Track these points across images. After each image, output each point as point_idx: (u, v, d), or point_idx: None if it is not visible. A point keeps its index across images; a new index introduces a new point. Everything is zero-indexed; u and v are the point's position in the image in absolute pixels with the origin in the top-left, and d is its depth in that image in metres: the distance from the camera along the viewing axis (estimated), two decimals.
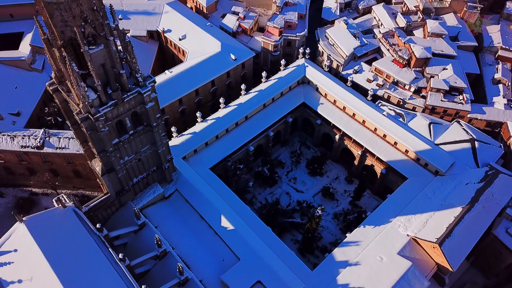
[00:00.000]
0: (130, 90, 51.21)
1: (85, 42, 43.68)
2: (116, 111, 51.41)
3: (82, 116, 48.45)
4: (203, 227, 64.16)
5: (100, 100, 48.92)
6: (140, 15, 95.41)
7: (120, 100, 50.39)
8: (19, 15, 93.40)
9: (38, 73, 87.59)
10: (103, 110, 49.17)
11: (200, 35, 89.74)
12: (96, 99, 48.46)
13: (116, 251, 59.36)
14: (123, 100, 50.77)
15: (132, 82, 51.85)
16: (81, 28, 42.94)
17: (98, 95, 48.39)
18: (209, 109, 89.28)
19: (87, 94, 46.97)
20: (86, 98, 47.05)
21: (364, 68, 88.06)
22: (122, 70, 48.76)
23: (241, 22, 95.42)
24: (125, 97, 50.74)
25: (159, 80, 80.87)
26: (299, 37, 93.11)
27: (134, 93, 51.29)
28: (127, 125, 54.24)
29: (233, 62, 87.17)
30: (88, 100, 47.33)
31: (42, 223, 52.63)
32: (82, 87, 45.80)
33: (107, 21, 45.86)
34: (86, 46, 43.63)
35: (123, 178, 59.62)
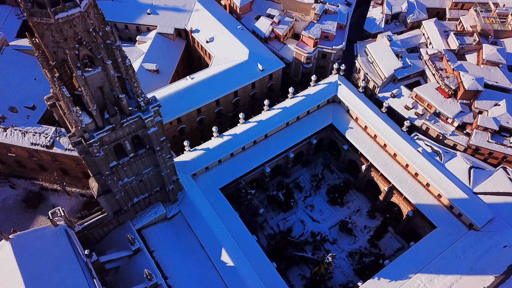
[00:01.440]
0: (131, 114, 46.57)
1: (79, 65, 39.05)
2: (115, 135, 47.03)
3: (75, 140, 44.34)
4: (202, 257, 59.63)
5: (96, 124, 44.57)
6: (169, 11, 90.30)
7: (118, 125, 45.88)
8: None
9: None
10: (98, 135, 44.85)
11: (229, 40, 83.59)
12: (92, 123, 44.14)
13: (107, 274, 56.52)
14: (122, 125, 46.21)
15: (134, 105, 47.15)
16: (75, 50, 38.24)
17: (94, 119, 44.02)
18: (230, 119, 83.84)
19: (81, 119, 42.67)
20: (79, 123, 42.76)
21: (403, 92, 79.22)
22: (121, 94, 43.96)
23: (274, 27, 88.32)
24: (124, 122, 46.14)
25: (179, 86, 76.30)
26: (336, 50, 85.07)
27: (135, 117, 46.61)
28: (127, 148, 49.88)
29: (260, 72, 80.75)
30: (81, 125, 43.05)
31: (29, 242, 49.83)
32: (74, 112, 41.48)
33: (109, 41, 40.94)
34: (79, 70, 38.98)
35: (121, 200, 55.78)
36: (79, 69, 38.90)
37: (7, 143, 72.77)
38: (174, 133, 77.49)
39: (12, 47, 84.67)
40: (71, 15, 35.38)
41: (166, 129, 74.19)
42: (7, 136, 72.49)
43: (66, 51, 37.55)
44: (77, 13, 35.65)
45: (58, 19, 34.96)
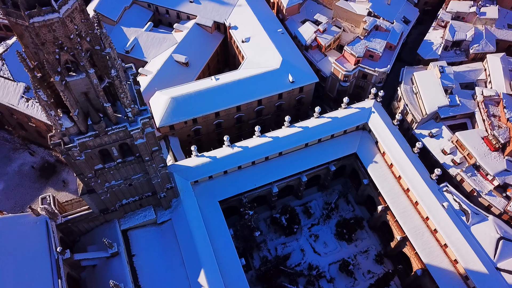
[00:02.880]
0: (118, 123, 43.90)
1: (59, 70, 36.55)
2: (100, 141, 44.73)
3: (55, 141, 42.54)
4: (181, 274, 56.99)
5: (79, 128, 42.39)
6: (212, 2, 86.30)
7: (102, 132, 43.42)
8: None
9: None
10: (78, 140, 42.72)
11: (264, 43, 78.32)
12: (74, 127, 41.97)
13: (83, 270, 55.77)
14: (106, 133, 43.71)
15: (124, 113, 44.39)
16: (55, 54, 35.65)
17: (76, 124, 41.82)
18: (250, 127, 79.40)
19: (60, 122, 40.57)
20: (58, 126, 40.72)
21: (444, 134, 70.29)
22: (106, 103, 41.19)
23: (318, 36, 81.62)
24: (108, 130, 43.61)
25: (201, 85, 72.90)
26: (378, 73, 77.03)
27: (121, 127, 43.86)
28: (113, 154, 47.58)
29: (289, 84, 75.14)
30: (60, 129, 41.02)
31: (5, 228, 49.62)
32: (51, 116, 39.37)
33: (98, 47, 38.01)
34: (58, 76, 36.47)
35: (108, 200, 54.16)
36: (57, 74, 36.37)
37: (27, 114, 73.89)
38: (189, 133, 74.70)
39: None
40: (48, 20, 32.55)
41: (180, 128, 72.03)
42: (28, 107, 73.51)
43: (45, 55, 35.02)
44: (55, 18, 32.73)
45: (33, 23, 32.30)
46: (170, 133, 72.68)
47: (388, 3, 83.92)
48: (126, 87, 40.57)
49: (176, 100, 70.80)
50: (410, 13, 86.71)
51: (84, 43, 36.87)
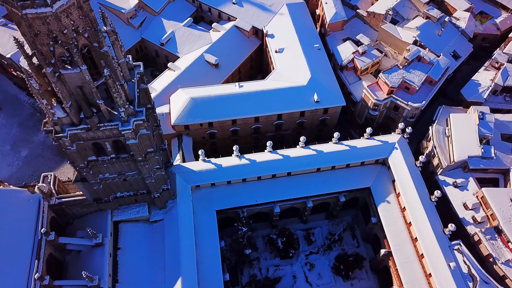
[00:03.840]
0: (112, 120, 43.58)
1: (53, 62, 36.59)
2: (93, 134, 44.73)
3: (47, 128, 43.01)
4: (160, 278, 56.43)
5: (71, 119, 42.51)
6: (254, 6, 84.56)
7: (94, 127, 43.31)
8: None
9: (133, 29, 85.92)
10: (70, 131, 42.89)
11: (297, 57, 75.54)
12: (66, 118, 42.14)
13: (68, 253, 56.66)
14: (98, 128, 43.55)
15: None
16: (49, 46, 35.65)
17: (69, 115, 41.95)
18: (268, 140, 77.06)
19: (52, 111, 40.83)
20: (50, 115, 41.02)
21: (469, 186, 64.08)
22: (99, 100, 40.90)
23: (355, 57, 77.43)
24: (100, 126, 43.40)
25: (224, 90, 71.66)
26: (411, 107, 71.68)
27: (113, 125, 43.50)
28: (107, 149, 47.53)
29: (313, 103, 71.95)
30: (52, 118, 41.32)
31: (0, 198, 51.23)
32: (43, 104, 39.66)
33: (96, 44, 37.67)
34: (50, 67, 36.52)
35: (101, 191, 54.52)
36: (51, 66, 36.43)
37: None
38: (204, 135, 73.85)
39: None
40: (41, 13, 32.43)
41: (195, 129, 71.37)
42: None
43: (38, 46, 35.10)
44: (48, 12, 32.52)
45: (26, 14, 32.30)
46: (184, 132, 72.23)
47: (439, 34, 77.91)
48: (119, 87, 39.89)
49: (195, 101, 70.09)
50: (462, 47, 80.00)
51: (81, 38, 36.60)
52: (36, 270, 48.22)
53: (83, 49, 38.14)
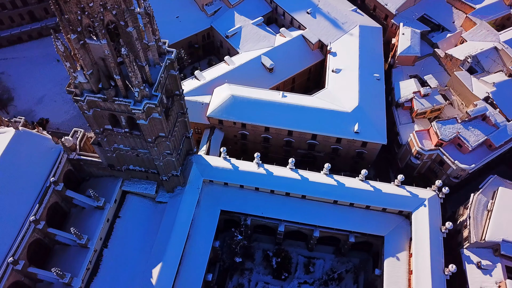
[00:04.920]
0: (126, 97, 45.12)
1: (79, 30, 38.68)
2: (110, 105, 46.72)
3: (70, 89, 45.77)
4: (144, 255, 57.68)
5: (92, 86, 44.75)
6: (327, 20, 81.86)
7: (110, 99, 45.18)
8: None
9: (205, 16, 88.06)
10: (87, 97, 45.22)
11: (350, 81, 71.95)
12: (87, 84, 44.45)
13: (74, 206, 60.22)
14: (114, 101, 45.36)
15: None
16: (77, 15, 37.68)
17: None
18: (299, 156, 74.91)
19: (74, 75, 43.29)
20: (72, 78, 43.57)
21: (494, 273, 56.12)
22: (116, 76, 42.49)
23: (415, 98, 71.61)
24: (115, 100, 45.16)
25: (267, 95, 70.75)
26: (457, 168, 64.66)
27: (125, 102, 44.99)
28: (121, 122, 49.45)
29: (352, 133, 68.15)
30: (74, 81, 43.87)
31: (26, 141, 55.77)
32: (67, 67, 42.19)
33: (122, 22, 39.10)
34: (74, 34, 38.65)
35: (114, 159, 57.03)
36: (75, 33, 38.53)
37: None
38: (236, 134, 73.77)
39: None
40: None
41: (229, 125, 71.64)
42: None
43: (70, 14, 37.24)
44: None
45: None
46: (218, 126, 72.78)
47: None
48: (135, 67, 40.91)
49: (235, 99, 70.13)
50: None
51: (107, 14, 38.19)
52: (34, 213, 51.93)
53: (110, 24, 39.75)
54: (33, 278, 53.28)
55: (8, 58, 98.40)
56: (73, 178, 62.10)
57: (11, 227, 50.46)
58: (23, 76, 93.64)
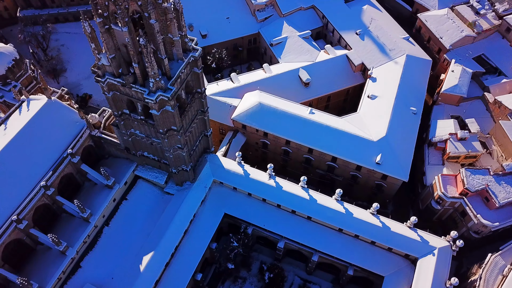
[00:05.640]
0: (143, 86, 46.46)
1: (106, 15, 40.47)
2: (127, 91, 48.33)
3: (93, 69, 47.90)
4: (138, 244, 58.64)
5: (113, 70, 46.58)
6: (374, 44, 79.43)
7: (127, 84, 46.76)
8: None
9: (255, 21, 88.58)
10: (107, 79, 47.13)
11: (383, 110, 69.23)
12: (109, 67, 46.32)
13: (88, 181, 62.84)
14: (130, 87, 46.89)
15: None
16: (105, 1, 39.40)
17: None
18: (317, 175, 73.20)
19: (98, 56, 45.31)
20: (96, 59, 45.62)
21: None
22: (135, 64, 43.90)
23: (450, 140, 67.33)
24: (132, 86, 46.65)
25: (295, 108, 69.84)
26: (479, 223, 59.80)
27: (140, 90, 46.31)
28: (138, 109, 51.02)
29: (373, 162, 65.36)
30: (97, 62, 45.92)
31: (55, 112, 59.00)
32: (92, 47, 44.25)
33: (146, 14, 40.39)
34: (100, 18, 40.48)
35: (130, 144, 58.90)
36: (100, 16, 40.33)
37: None
38: (257, 141, 73.48)
39: None
40: None
41: (251, 132, 71.64)
42: None
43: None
44: None
45: None
46: (241, 131, 72.92)
47: None
48: (152, 58, 41.92)
49: (262, 107, 69.92)
50: None
51: (133, 4, 39.54)
52: (46, 180, 54.83)
53: (135, 14, 41.14)
54: (34, 240, 56.22)
55: (71, 33, 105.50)
56: (94, 154, 64.83)
57: (22, 188, 53.54)
58: (79, 51, 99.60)
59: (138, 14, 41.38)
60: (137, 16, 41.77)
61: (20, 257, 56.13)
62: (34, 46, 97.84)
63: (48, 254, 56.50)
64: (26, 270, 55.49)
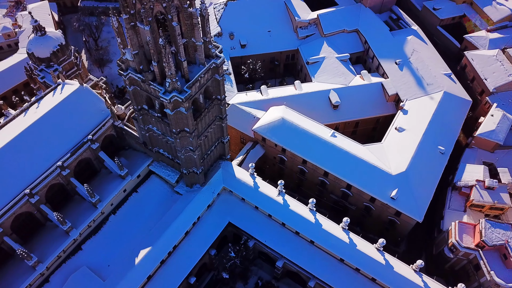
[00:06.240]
0: (160, 84, 47.76)
1: (132, 12, 42.20)
2: (146, 87, 49.85)
3: (118, 62, 49.87)
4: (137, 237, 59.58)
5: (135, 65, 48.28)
6: (412, 76, 76.95)
7: (146, 81, 48.26)
8: None
9: (295, 37, 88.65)
10: (129, 73, 48.93)
11: (408, 145, 66.55)
12: (132, 62, 48.08)
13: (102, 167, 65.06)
14: (149, 84, 48.34)
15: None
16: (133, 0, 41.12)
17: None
18: (330, 201, 71.37)
19: (123, 51, 47.19)
20: (121, 53, 47.55)
21: None
22: (154, 62, 45.28)
23: (476, 186, 63.31)
24: (150, 84, 48.08)
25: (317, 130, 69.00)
26: (491, 280, 55.38)
27: (156, 87, 47.60)
28: (155, 106, 52.47)
29: (387, 197, 62.68)
30: (122, 56, 47.84)
31: (82, 98, 61.84)
32: (118, 42, 46.19)
33: (170, 16, 41.67)
34: (126, 14, 42.24)
35: (147, 139, 60.49)
36: (127, 13, 42.07)
37: None
38: (275, 156, 72.96)
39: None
40: None
41: (270, 146, 71.49)
42: None
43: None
44: None
45: None
46: (261, 143, 72.83)
47: None
48: (170, 59, 42.99)
49: (284, 122, 69.56)
50: None
51: (157, 5, 40.92)
52: (63, 161, 57.43)
53: (159, 15, 42.53)
54: (44, 216, 58.88)
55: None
56: (115, 143, 67.15)
57: (39, 165, 56.30)
58: None
59: (162, 15, 42.73)
60: (162, 17, 43.12)
61: (30, 229, 58.86)
62: (87, 35, 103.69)
63: (54, 232, 58.77)
64: (32, 243, 58.05)
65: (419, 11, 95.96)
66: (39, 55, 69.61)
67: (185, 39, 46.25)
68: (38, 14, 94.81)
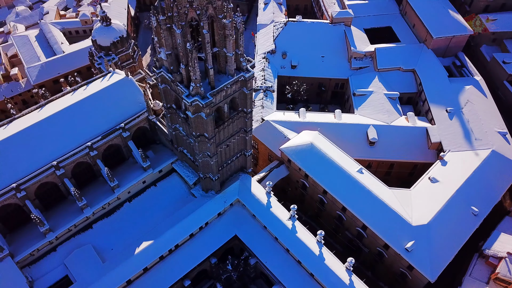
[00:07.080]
0: (186, 86, 49.44)
1: (169, 14, 44.43)
2: (175, 87, 51.68)
3: (154, 59, 52.46)
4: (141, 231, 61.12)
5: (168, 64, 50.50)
6: (460, 127, 72.00)
7: (175, 82, 50.21)
8: None
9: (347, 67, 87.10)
10: (161, 72, 51.22)
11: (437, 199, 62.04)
12: (165, 61, 50.34)
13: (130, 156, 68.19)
14: (176, 85, 50.23)
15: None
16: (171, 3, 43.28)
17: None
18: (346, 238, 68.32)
19: (159, 50, 49.62)
20: (157, 52, 50.05)
21: None
22: (182, 65, 47.11)
23: (506, 259, 57.30)
24: (178, 85, 49.92)
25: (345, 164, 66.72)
26: None
27: (181, 89, 49.27)
28: (181, 107, 54.30)
29: (402, 247, 58.66)
30: (157, 54, 50.34)
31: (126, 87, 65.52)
32: (154, 40, 48.69)
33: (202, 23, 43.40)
34: (163, 16, 44.53)
35: (173, 137, 62.57)
36: (164, 15, 44.35)
37: None
38: (298, 180, 71.73)
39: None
40: None
41: (294, 169, 71.04)
42: None
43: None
44: None
45: None
46: (286, 164, 72.09)
47: None
48: (195, 64, 44.40)
49: (312, 148, 68.37)
50: None
51: (192, 12, 42.67)
52: (93, 143, 61.14)
53: (192, 21, 44.26)
54: (67, 189, 62.88)
55: None
56: (148, 136, 70.23)
57: (71, 142, 60.26)
58: None
59: (196, 22, 44.45)
60: (195, 24, 44.85)
61: (53, 199, 63.07)
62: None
63: (72, 206, 62.19)
64: (51, 211, 62.18)
65: (487, 62, 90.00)
66: (100, 43, 75.28)
67: (217, 48, 47.56)
68: (115, 7, 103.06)
